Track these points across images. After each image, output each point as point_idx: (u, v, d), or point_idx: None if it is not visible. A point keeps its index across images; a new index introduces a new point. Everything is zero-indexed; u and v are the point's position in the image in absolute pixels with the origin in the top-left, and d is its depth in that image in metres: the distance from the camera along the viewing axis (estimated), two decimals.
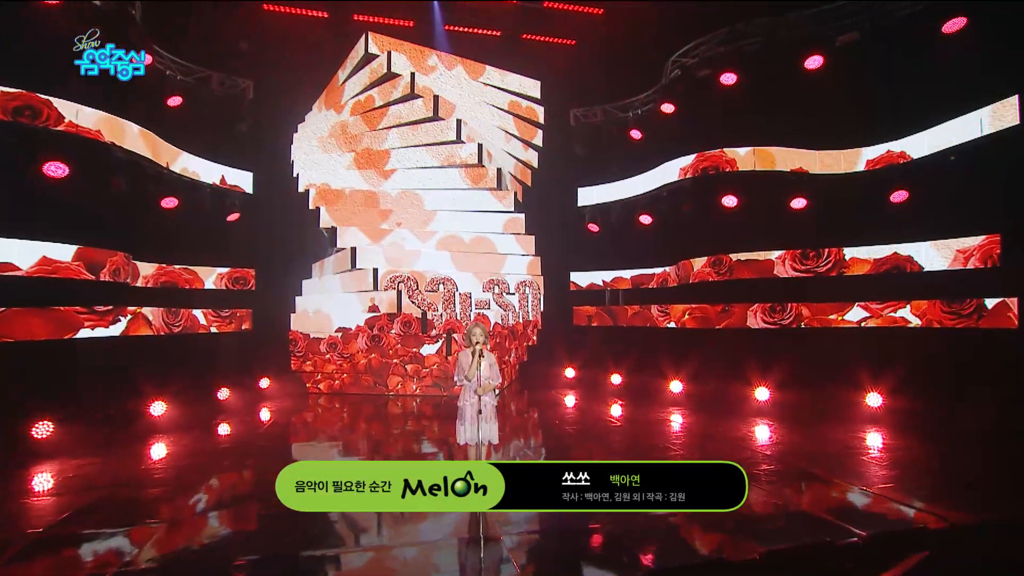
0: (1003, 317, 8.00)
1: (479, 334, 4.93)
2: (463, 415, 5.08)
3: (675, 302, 11.91)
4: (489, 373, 4.94)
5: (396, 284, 11.75)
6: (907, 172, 9.01)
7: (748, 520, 4.59)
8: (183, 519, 5.03)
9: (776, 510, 5.01)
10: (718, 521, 4.50)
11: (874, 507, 5.13)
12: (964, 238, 8.32)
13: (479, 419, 4.88)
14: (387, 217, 12.17)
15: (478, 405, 4.89)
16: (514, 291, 12.44)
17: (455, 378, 5.18)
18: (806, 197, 9.98)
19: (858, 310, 9.65)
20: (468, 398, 5.06)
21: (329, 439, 8.27)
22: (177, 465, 6.64)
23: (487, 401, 4.96)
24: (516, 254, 12.63)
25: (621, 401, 10.40)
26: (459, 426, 5.12)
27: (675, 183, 11.61)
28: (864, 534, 4.42)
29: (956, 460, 6.55)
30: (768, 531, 4.54)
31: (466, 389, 5.07)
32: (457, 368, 5.21)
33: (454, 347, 11.62)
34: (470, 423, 4.99)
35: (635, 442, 7.69)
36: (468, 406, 5.04)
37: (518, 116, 13.68)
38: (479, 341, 4.90)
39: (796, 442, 7.37)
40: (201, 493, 5.71)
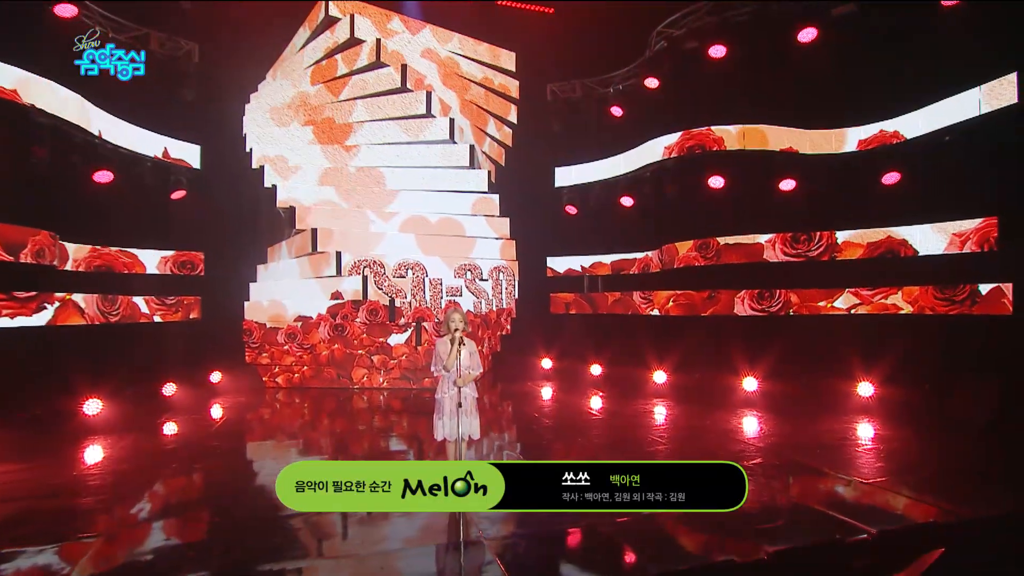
0: (997, 303, 8.10)
1: (458, 320, 4.74)
2: (441, 408, 4.89)
3: (659, 288, 11.84)
4: (469, 362, 4.79)
5: (361, 269, 11.37)
6: (900, 153, 9.03)
7: (750, 518, 4.48)
8: (122, 532, 4.61)
9: (777, 507, 4.92)
10: (718, 521, 4.27)
11: (878, 501, 5.08)
12: (960, 221, 8.38)
13: (459, 413, 4.72)
14: (351, 197, 11.73)
15: (458, 397, 4.72)
16: (487, 277, 12.25)
17: (432, 368, 4.95)
18: (796, 178, 9.94)
19: (848, 296, 9.70)
20: (446, 390, 4.87)
21: (288, 437, 7.94)
22: (116, 470, 6.16)
23: (467, 393, 4.80)
24: (489, 238, 12.42)
25: (601, 393, 10.33)
26: (436, 421, 4.91)
27: (659, 163, 11.47)
28: (874, 531, 4.34)
29: (953, 452, 6.58)
30: (772, 530, 4.43)
31: (444, 380, 4.88)
32: (434, 357, 4.98)
33: (424, 336, 11.37)
34: (449, 417, 4.82)
35: (617, 436, 7.57)
36: (447, 399, 4.86)
37: (491, 90, 13.31)
38: (458, 328, 4.71)
39: (789, 434, 7.32)
40: (144, 502, 5.27)
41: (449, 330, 4.76)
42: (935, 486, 5.27)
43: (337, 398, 10.42)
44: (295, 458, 6.90)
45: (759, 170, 10.14)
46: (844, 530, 4.39)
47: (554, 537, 4.39)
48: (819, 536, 4.33)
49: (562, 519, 4.42)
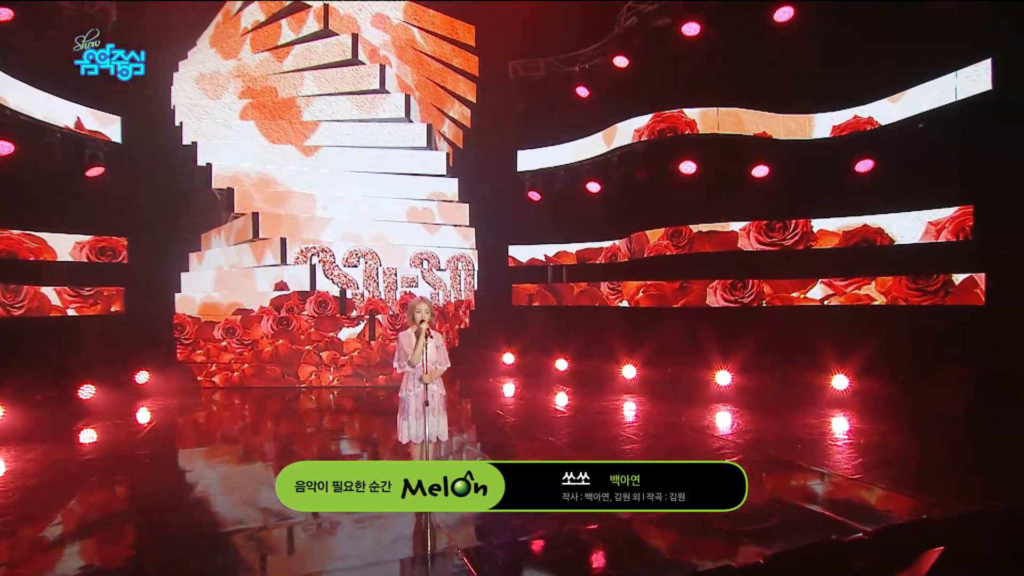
0: (970, 294, 8.34)
1: (424, 311, 4.53)
2: (406, 408, 4.69)
3: (628, 278, 11.79)
4: (437, 356, 4.60)
5: (309, 257, 10.89)
6: (875, 139, 9.19)
7: (740, 519, 4.36)
8: (29, 556, 4.11)
9: (766, 507, 4.84)
10: (708, 523, 4.33)
11: (866, 498, 5.13)
12: (936, 209, 8.59)
13: (425, 412, 4.46)
14: (297, 178, 11.20)
15: (424, 395, 4.47)
16: (445, 267, 11.99)
17: (395, 364, 4.76)
18: (771, 164, 9.99)
19: (822, 287, 9.85)
20: (412, 387, 4.68)
21: (227, 442, 7.48)
22: (22, 486, 5.55)
23: (435, 390, 4.62)
24: (448, 225, 12.13)
25: (567, 389, 10.25)
26: (401, 421, 4.71)
27: (628, 146, 11.36)
28: (870, 529, 4.31)
29: (933, 445, 6.73)
30: (765, 531, 4.36)
31: (409, 377, 4.71)
32: (398, 352, 4.73)
33: (378, 331, 11.04)
34: (415, 417, 4.62)
35: (586, 435, 7.45)
36: (412, 397, 4.66)
37: (448, 65, 12.92)
38: (424, 319, 4.49)
39: (766, 429, 7.35)
40: (57, 523, 4.72)
41: (414, 321, 4.56)
42: (921, 481, 5.33)
43: (282, 398, 10.00)
44: (235, 466, 6.52)
45: (733, 155, 10.16)
46: (839, 530, 4.35)
47: (531, 545, 4.19)
48: (814, 537, 4.27)
49: (540, 525, 4.30)
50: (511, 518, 4.37)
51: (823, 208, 9.69)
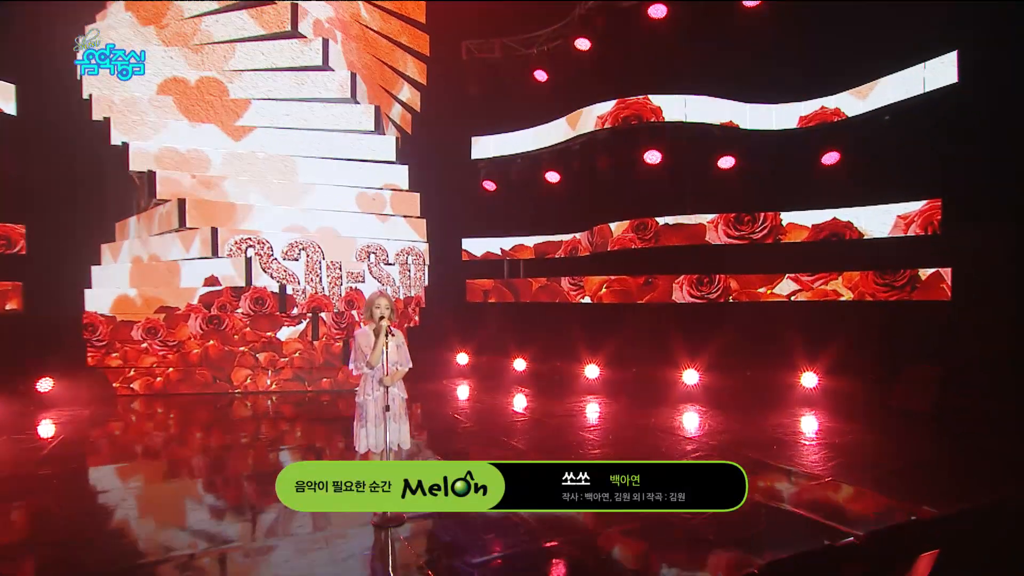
0: (936, 289, 8.61)
1: (384, 306, 4.40)
2: (364, 413, 4.49)
3: (590, 273, 11.73)
4: (398, 356, 4.50)
5: (244, 249, 10.26)
6: (842, 131, 9.40)
7: (727, 526, 4.31)
8: None
9: (752, 512, 4.77)
10: (693, 531, 4.27)
11: (851, 500, 5.19)
12: (905, 203, 8.83)
13: (386, 418, 4.35)
14: (229, 161, 10.54)
15: (385, 399, 4.36)
16: (394, 260, 11.60)
17: (351, 365, 4.56)
18: (740, 155, 10.08)
19: (788, 282, 10.01)
20: (371, 391, 4.49)
21: (148, 456, 6.90)
22: None
23: (396, 394, 4.49)
24: (397, 215, 11.75)
25: (527, 391, 10.13)
26: (359, 429, 4.49)
27: (590, 134, 11.28)
28: (861, 533, 4.31)
29: (906, 443, 6.89)
30: (754, 539, 4.31)
31: (367, 380, 4.51)
32: (355, 352, 4.51)
33: (322, 330, 10.58)
34: (374, 424, 4.44)
35: (549, 440, 7.26)
36: (371, 401, 4.47)
37: (396, 42, 12.50)
38: (384, 315, 4.38)
39: (738, 430, 7.36)
40: None
41: (373, 318, 4.41)
42: (899, 481, 5.42)
43: (213, 405, 9.44)
44: (158, 484, 5.96)
45: (700, 145, 10.21)
46: (829, 534, 4.33)
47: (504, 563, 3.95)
48: (805, 543, 4.24)
49: (514, 540, 4.16)
50: (484, 531, 4.23)
51: (792, 201, 9.84)
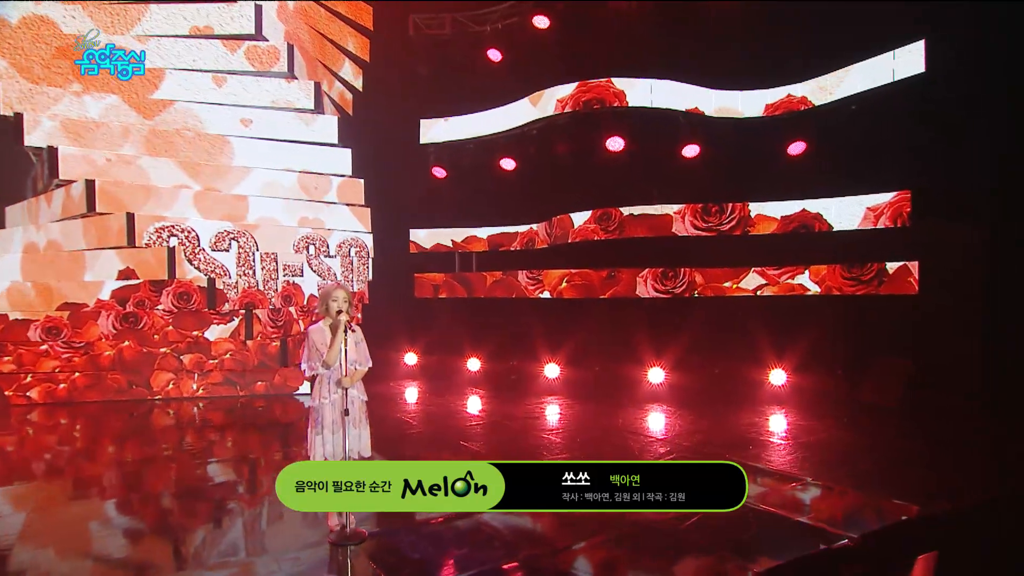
0: (904, 282, 8.89)
1: (342, 299, 4.25)
2: (320, 419, 4.28)
3: (550, 266, 11.65)
4: (357, 355, 4.33)
5: (166, 239, 9.72)
6: (809, 120, 9.60)
7: (717, 531, 4.34)
8: None
9: (740, 515, 4.71)
10: (683, 538, 4.27)
11: (837, 500, 5.25)
12: (875, 195, 9.08)
13: (345, 423, 4.20)
14: (145, 139, 9.93)
15: (343, 403, 4.21)
16: (335, 253, 11.31)
17: (304, 365, 4.36)
18: (705, 143, 10.18)
19: (754, 276, 10.18)
20: (328, 393, 4.30)
21: (48, 474, 6.35)
22: None
23: (355, 396, 4.34)
24: (339, 203, 11.43)
25: (481, 392, 10.07)
26: (313, 436, 4.29)
27: (548, 119, 11.17)
28: (855, 535, 4.36)
29: (880, 440, 7.07)
30: (747, 544, 4.29)
31: (323, 381, 4.31)
32: (308, 350, 4.33)
33: (256, 328, 10.13)
34: (332, 430, 4.26)
35: (506, 444, 7.13)
36: (327, 405, 4.28)
37: (335, 13, 12.08)
38: (342, 309, 4.22)
39: (711, 431, 7.43)
40: None
41: (330, 313, 4.25)
42: (879, 479, 5.56)
43: (128, 414, 8.87)
44: (62, 507, 5.40)
45: (667, 131, 10.26)
46: (822, 537, 4.37)
47: None
48: (800, 547, 4.26)
49: (487, 554, 4.08)
50: (456, 545, 4.15)
51: (761, 192, 10.00)
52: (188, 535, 4.62)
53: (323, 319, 4.31)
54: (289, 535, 4.51)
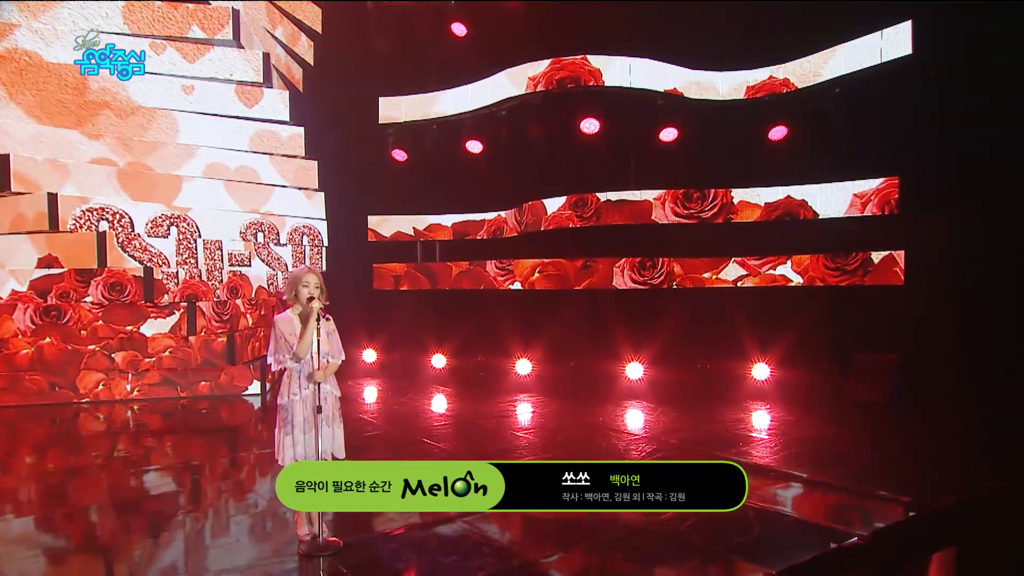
0: (889, 272, 9.07)
1: (314, 284, 4.10)
2: (290, 417, 4.10)
3: (521, 256, 11.57)
4: (329, 346, 4.15)
5: (94, 222, 9.29)
6: (792, 103, 9.70)
7: (720, 533, 4.32)
8: None
9: (742, 516, 4.74)
10: (685, 541, 4.27)
11: (838, 499, 5.28)
12: (862, 181, 9.22)
13: (318, 422, 4.05)
14: (71, 111, 9.48)
15: (316, 399, 4.05)
16: (286, 241, 11.15)
17: (271, 358, 4.16)
18: (685, 125, 10.18)
19: (735, 267, 10.28)
20: (298, 389, 4.12)
21: None
22: None
23: (329, 391, 4.16)
24: (291, 187, 11.21)
25: (447, 390, 10.03)
26: (282, 437, 4.11)
27: (519, 98, 11.05)
28: (865, 533, 4.38)
29: (870, 437, 7.22)
30: (754, 545, 4.28)
31: (293, 376, 4.13)
32: (276, 341, 4.12)
33: (200, 323, 9.79)
34: (303, 429, 4.08)
35: (477, 447, 6.99)
36: (298, 402, 4.10)
37: None
38: (314, 296, 4.07)
39: (697, 428, 7.48)
40: None
41: (300, 300, 4.09)
42: (882, 476, 5.62)
43: (50, 419, 8.50)
44: None
45: (645, 113, 10.26)
46: (830, 536, 4.39)
47: None
48: (810, 547, 4.26)
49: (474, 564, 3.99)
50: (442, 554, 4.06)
51: (744, 178, 10.08)
52: (122, 554, 4.32)
53: (291, 307, 4.14)
54: (238, 551, 4.27)
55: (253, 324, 10.54)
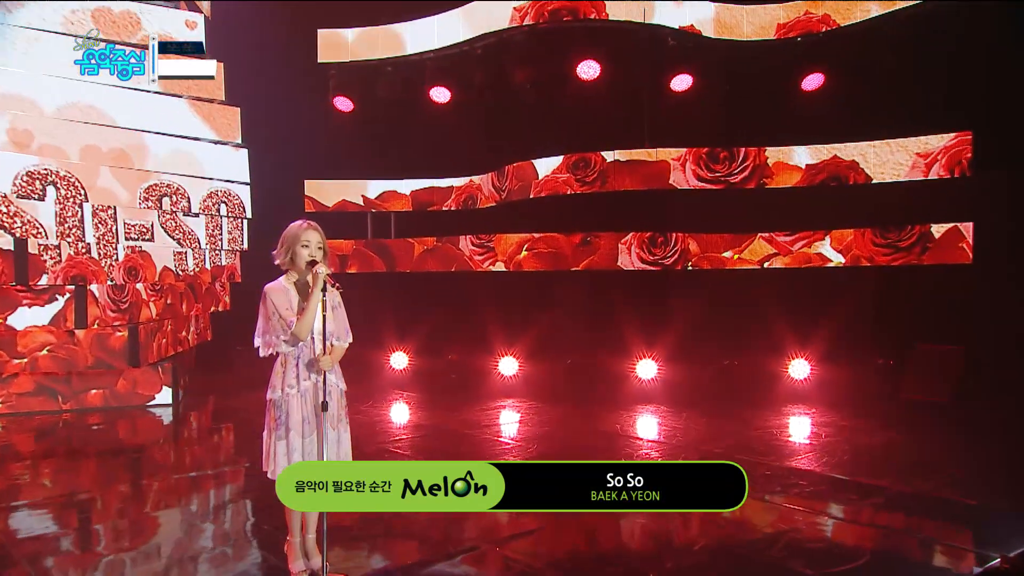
0: (955, 249, 8.92)
1: (316, 243, 3.89)
2: (285, 416, 3.87)
3: (504, 230, 11.20)
4: (335, 325, 3.99)
5: None
6: (833, 44, 9.52)
7: (825, 560, 4.40)
8: None
9: (843, 537, 5.11)
10: (780, 565, 4.41)
11: (947, 515, 5.28)
12: (926, 136, 9.04)
13: (322, 420, 3.83)
14: None
15: (320, 392, 3.82)
16: (199, 210, 10.76)
17: (259, 341, 3.93)
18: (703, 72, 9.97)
19: (761, 243, 10.10)
20: (294, 380, 3.90)
21: None
22: None
23: (334, 384, 3.98)
24: (204, 140, 10.80)
25: (409, 396, 9.99)
26: (275, 442, 3.89)
27: (498, 34, 10.66)
28: (1011, 555, 4.33)
29: (947, 443, 7.25)
30: (863, 572, 4.30)
31: (288, 364, 3.90)
32: (268, 316, 3.89)
33: (92, 313, 9.24)
34: (301, 432, 3.88)
35: None
36: (295, 397, 3.88)
37: None
38: (316, 259, 3.86)
39: (735, 433, 7.58)
40: None
41: (297, 265, 3.88)
42: (988, 488, 5.70)
43: None
44: None
45: (658, 55, 10.03)
46: (958, 556, 4.60)
47: None
48: (941, 572, 4.46)
49: None
50: None
51: (781, 134, 9.91)
52: None
53: (286, 274, 3.90)
54: None
55: (158, 315, 9.89)
